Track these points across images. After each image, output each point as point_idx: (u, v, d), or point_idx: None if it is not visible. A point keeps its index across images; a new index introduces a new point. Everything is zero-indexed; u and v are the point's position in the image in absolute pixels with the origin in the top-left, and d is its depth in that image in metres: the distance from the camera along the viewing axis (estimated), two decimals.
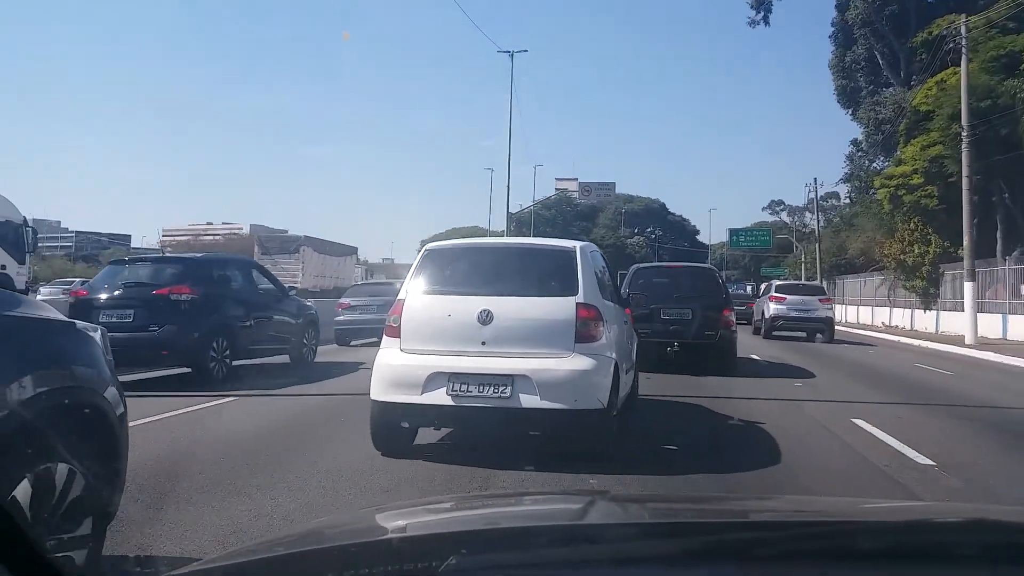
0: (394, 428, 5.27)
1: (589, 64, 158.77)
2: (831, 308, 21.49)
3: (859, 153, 51.28)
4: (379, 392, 5.19)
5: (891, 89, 43.08)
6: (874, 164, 51.78)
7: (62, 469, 2.35)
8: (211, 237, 79.69)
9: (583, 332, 5.06)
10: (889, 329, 28.70)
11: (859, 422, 7.08)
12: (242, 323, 9.85)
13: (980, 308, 20.98)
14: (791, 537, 1.14)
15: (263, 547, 1.32)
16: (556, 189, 74.96)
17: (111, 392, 2.60)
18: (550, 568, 1.05)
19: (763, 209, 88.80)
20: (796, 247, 59.25)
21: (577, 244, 5.89)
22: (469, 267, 5.72)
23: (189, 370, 9.08)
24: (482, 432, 5.43)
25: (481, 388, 4.90)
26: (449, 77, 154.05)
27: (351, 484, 4.54)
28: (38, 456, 2.26)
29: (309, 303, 12.99)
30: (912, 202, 29.08)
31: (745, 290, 39.84)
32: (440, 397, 4.92)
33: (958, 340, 20.00)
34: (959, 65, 23.06)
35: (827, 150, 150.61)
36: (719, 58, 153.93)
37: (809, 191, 49.18)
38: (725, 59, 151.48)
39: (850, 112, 47.02)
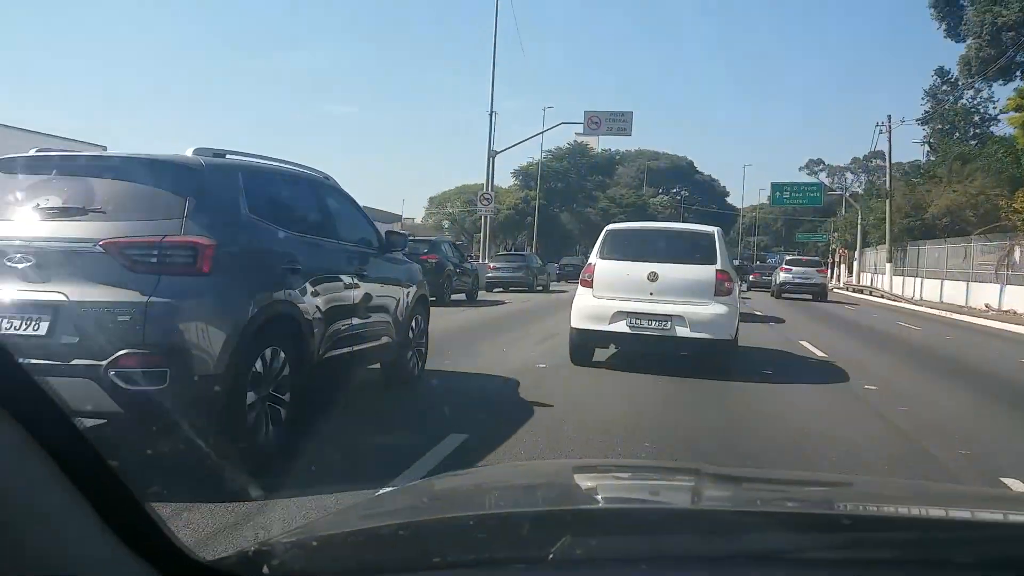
0: (585, 346, 8.49)
1: (611, 6, 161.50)
2: (825, 276, 31.53)
3: (945, 86, 43.32)
4: (577, 322, 8.37)
5: None
6: (962, 100, 42.83)
7: (420, 319, 6.95)
8: None
9: (719, 288, 8.10)
10: (1003, 315, 21.30)
11: None
12: (453, 272, 19.58)
13: None
14: (945, 542, 1.13)
15: (366, 514, 1.41)
16: (574, 142, 70.75)
17: (425, 289, 7.18)
18: (683, 561, 1.04)
19: (800, 169, 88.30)
20: (852, 205, 54.12)
21: (715, 229, 9.09)
22: (640, 242, 8.81)
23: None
24: (648, 351, 8.38)
25: (650, 322, 7.99)
26: (468, 35, 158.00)
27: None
28: (417, 312, 6.82)
29: (473, 264, 24.37)
30: None
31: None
32: (622, 327, 8.03)
33: None
34: None
35: (878, 104, 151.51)
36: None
37: (880, 130, 40.26)
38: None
39: (945, 26, 38.04)
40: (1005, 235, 26.74)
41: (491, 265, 28.34)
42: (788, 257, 35.35)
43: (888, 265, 38.55)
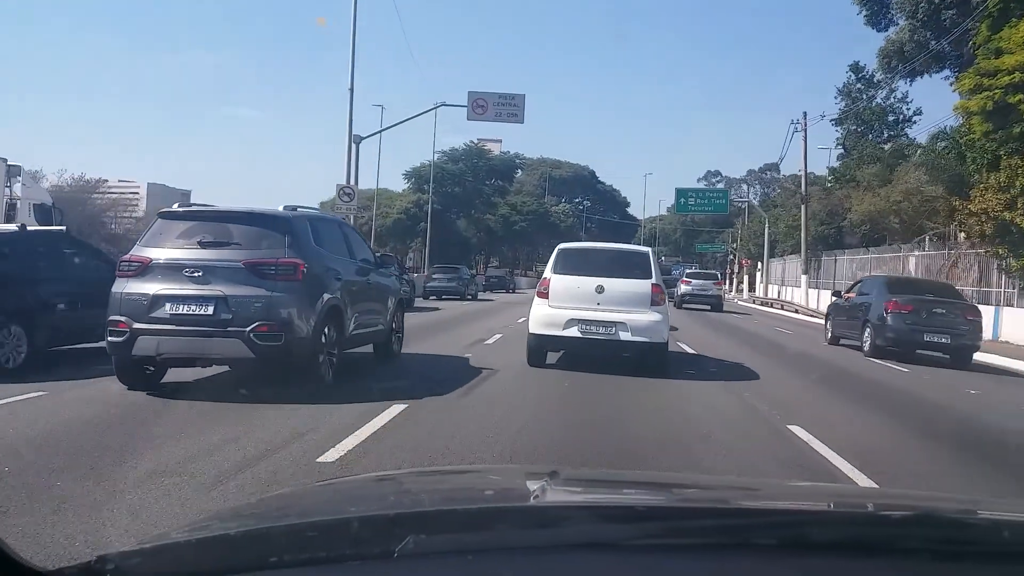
0: (542, 349, 10.12)
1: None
2: (721, 288, 34.56)
3: (860, 84, 42.19)
4: (536, 328, 10.00)
5: None
6: (876, 100, 41.31)
7: (399, 316, 10.54)
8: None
9: (654, 299, 9.81)
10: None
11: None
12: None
13: None
14: (747, 527, 1.33)
15: (213, 523, 1.55)
16: (471, 143, 68.50)
17: (402, 295, 10.86)
18: (511, 552, 1.21)
19: (699, 180, 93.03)
20: (756, 211, 53.61)
21: (648, 249, 11.44)
22: (588, 259, 10.51)
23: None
24: (596, 353, 9.98)
25: (598, 328, 9.65)
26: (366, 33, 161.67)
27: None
28: (398, 311, 10.40)
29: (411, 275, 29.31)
30: None
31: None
32: (574, 332, 9.69)
33: None
34: None
35: (778, 114, 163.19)
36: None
37: (796, 128, 38.40)
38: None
39: (866, 12, 35.21)
40: (941, 243, 26.41)
41: (428, 275, 33.86)
42: (688, 271, 39.76)
43: (804, 277, 37.43)
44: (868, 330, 15.11)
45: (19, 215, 27.74)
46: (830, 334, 17.73)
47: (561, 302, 9.94)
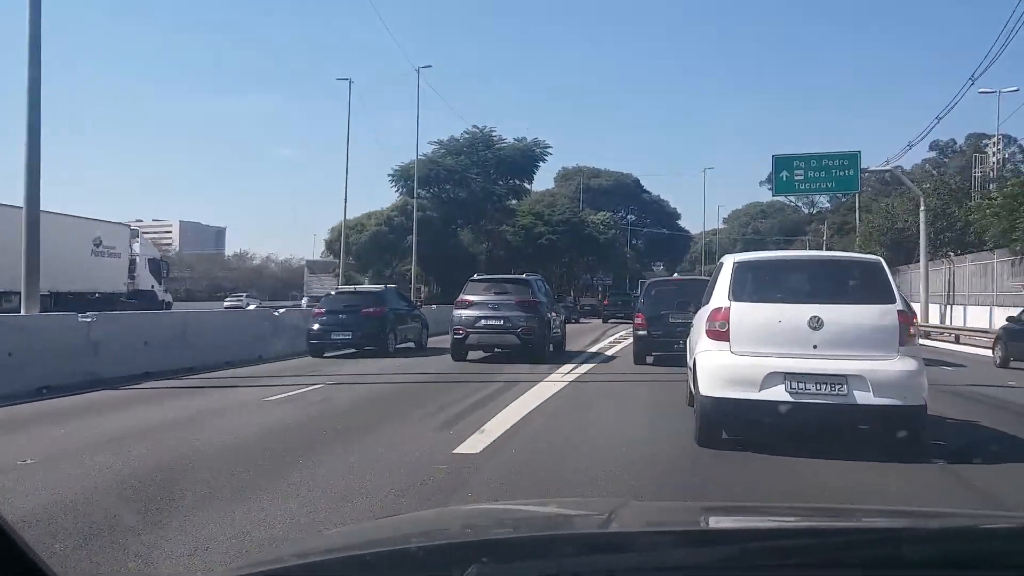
0: (723, 421, 8.05)
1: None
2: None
3: None
4: (712, 389, 7.86)
5: None
6: None
7: (564, 328, 23.17)
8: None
9: (904, 336, 7.72)
10: None
11: None
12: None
13: None
14: (830, 546, 1.52)
15: (275, 558, 1.88)
16: (475, 129, 61.89)
17: (564, 315, 22.86)
18: None
19: (761, 184, 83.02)
20: (905, 187, 41.44)
21: (878, 259, 8.67)
22: (787, 277, 8.65)
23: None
24: (812, 422, 7.93)
25: (818, 386, 7.62)
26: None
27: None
28: (564, 324, 23.25)
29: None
30: None
31: None
32: (779, 393, 7.61)
33: None
34: None
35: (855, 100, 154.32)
36: None
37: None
38: None
39: None
40: None
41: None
42: None
43: None
44: None
45: (138, 269, 40.86)
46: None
47: (752, 346, 8.10)
